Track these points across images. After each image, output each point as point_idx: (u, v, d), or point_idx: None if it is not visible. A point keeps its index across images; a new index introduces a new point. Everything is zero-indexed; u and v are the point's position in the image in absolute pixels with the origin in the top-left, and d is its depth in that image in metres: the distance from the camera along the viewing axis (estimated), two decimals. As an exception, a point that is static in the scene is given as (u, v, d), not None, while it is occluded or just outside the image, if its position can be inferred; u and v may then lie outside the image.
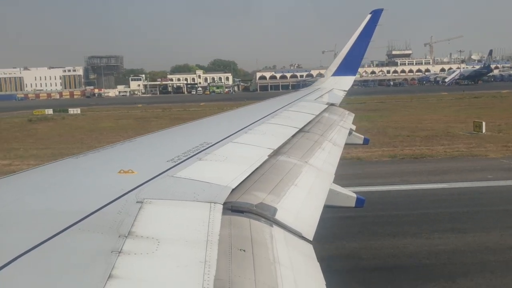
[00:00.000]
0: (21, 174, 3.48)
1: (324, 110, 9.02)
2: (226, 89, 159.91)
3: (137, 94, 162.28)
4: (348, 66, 13.84)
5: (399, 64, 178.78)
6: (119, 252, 2.03)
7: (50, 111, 71.01)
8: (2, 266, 1.84)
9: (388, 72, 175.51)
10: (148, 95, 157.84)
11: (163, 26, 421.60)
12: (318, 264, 2.58)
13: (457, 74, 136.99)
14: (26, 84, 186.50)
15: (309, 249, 2.79)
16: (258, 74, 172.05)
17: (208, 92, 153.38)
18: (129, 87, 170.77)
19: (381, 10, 13.34)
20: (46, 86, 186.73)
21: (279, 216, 3.04)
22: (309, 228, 3.10)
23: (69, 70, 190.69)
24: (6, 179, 3.28)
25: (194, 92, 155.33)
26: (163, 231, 2.34)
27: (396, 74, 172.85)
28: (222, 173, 3.46)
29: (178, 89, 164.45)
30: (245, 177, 3.48)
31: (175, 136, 5.81)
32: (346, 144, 6.95)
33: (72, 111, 71.22)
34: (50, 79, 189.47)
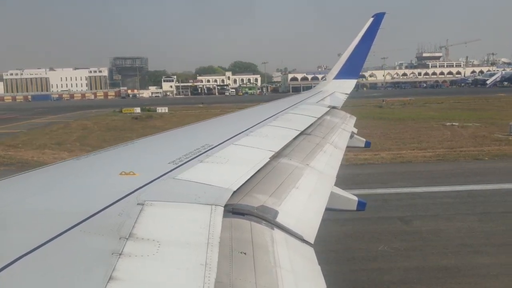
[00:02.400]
0: (23, 176, 3.48)
1: (326, 113, 9.02)
2: (259, 90, 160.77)
3: (169, 95, 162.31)
4: (350, 69, 13.83)
5: (430, 67, 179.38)
6: (120, 254, 2.02)
7: (138, 110, 72.77)
8: (3, 266, 1.84)
9: (419, 74, 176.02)
10: (181, 96, 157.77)
11: (182, 28, 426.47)
12: (319, 267, 2.57)
13: (498, 76, 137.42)
14: (52, 85, 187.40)
15: (310, 252, 2.78)
16: (290, 76, 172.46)
17: (241, 93, 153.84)
18: (161, 88, 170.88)
19: (383, 13, 13.34)
20: (71, 86, 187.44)
21: (280, 219, 3.03)
22: (310, 231, 3.09)
23: (94, 71, 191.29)
24: (8, 180, 3.28)
25: (228, 93, 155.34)
26: (164, 233, 2.34)
27: (427, 76, 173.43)
28: (223, 175, 3.46)
29: (209, 91, 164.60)
30: (247, 179, 3.47)
31: (177, 138, 5.81)
32: (347, 147, 6.94)
33: (160, 110, 72.65)
34: (76, 79, 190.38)
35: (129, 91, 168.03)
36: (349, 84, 13.80)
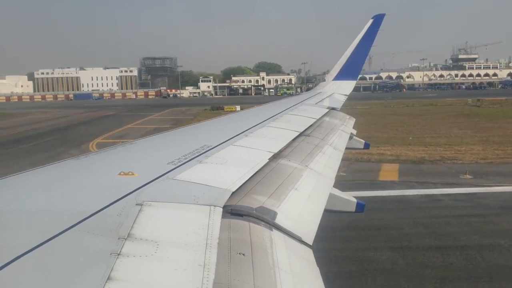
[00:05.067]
0: (21, 175, 3.47)
1: (325, 114, 9.03)
2: (298, 90, 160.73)
3: (207, 95, 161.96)
4: (349, 71, 13.85)
5: (467, 68, 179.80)
6: (118, 254, 2.02)
7: (238, 108, 70.02)
8: (1, 266, 1.83)
9: (456, 76, 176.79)
10: (219, 96, 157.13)
11: (203, 29, 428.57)
12: (317, 269, 2.57)
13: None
14: (82, 84, 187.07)
15: (309, 253, 2.78)
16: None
17: (280, 93, 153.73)
18: (198, 88, 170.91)
19: (383, 15, 13.37)
20: (102, 86, 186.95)
21: (279, 220, 3.03)
22: (309, 232, 3.09)
23: (125, 71, 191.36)
24: (6, 179, 3.27)
25: (267, 94, 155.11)
26: (162, 233, 2.34)
27: (464, 78, 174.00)
28: (222, 176, 3.46)
29: (245, 91, 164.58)
30: (245, 180, 3.47)
31: (176, 138, 5.81)
32: (346, 148, 6.95)
33: (237, 108, 70.43)
34: (107, 79, 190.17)
35: (169, 91, 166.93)
36: (348, 85, 13.82)
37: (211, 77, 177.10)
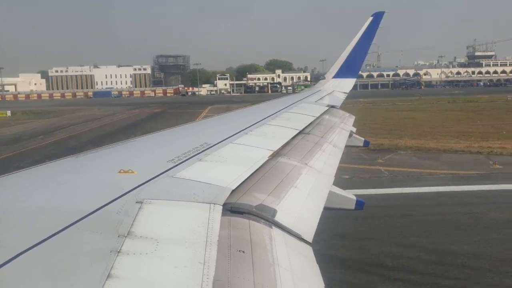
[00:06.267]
0: (21, 173, 3.47)
1: (325, 112, 9.03)
2: None
3: (224, 93, 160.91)
4: (349, 68, 13.84)
5: (484, 65, 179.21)
6: (118, 252, 2.02)
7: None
8: (1, 264, 1.84)
9: (473, 73, 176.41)
10: (236, 93, 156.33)
11: (213, 27, 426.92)
12: (317, 266, 2.58)
13: None
14: (96, 82, 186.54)
15: (308, 251, 2.79)
16: None
17: (298, 90, 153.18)
18: (216, 85, 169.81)
19: (383, 12, 13.34)
20: (116, 84, 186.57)
21: (278, 218, 3.03)
22: (309, 230, 3.09)
23: (139, 69, 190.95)
24: (5, 177, 3.28)
25: (285, 91, 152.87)
26: (162, 231, 2.34)
27: (481, 75, 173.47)
28: (222, 174, 3.46)
29: (261, 89, 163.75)
30: (245, 178, 3.48)
31: (175, 136, 5.81)
32: (346, 146, 6.95)
33: None
34: (121, 77, 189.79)
35: (187, 89, 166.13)
36: (348, 83, 13.81)
37: (228, 74, 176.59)
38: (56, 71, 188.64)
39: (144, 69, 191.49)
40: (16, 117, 65.44)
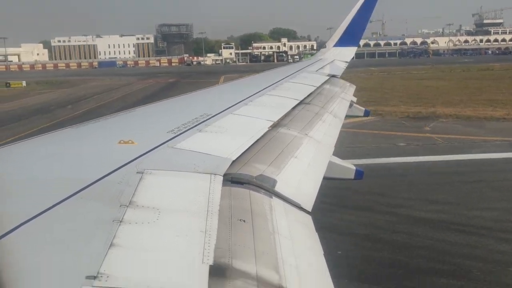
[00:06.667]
0: (21, 144, 3.48)
1: (325, 82, 8.94)
2: None
3: (230, 62, 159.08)
4: (350, 37, 13.60)
5: (492, 33, 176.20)
6: (120, 222, 2.05)
7: None
8: (4, 234, 1.87)
9: (481, 41, 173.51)
10: (242, 63, 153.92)
11: None
12: (316, 234, 2.62)
13: None
14: (99, 52, 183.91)
15: (308, 219, 2.83)
16: None
17: (304, 60, 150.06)
18: (220, 55, 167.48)
19: None
20: (119, 54, 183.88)
21: (278, 188, 3.06)
22: (308, 199, 3.13)
23: (142, 38, 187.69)
24: (6, 148, 3.28)
25: (291, 60, 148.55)
26: (163, 201, 2.37)
27: (489, 43, 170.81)
28: (222, 145, 3.47)
29: (267, 57, 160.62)
30: (245, 149, 3.48)
31: (175, 107, 5.78)
32: (346, 116, 6.93)
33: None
34: (124, 47, 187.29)
35: (192, 58, 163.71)
36: (349, 52, 13.61)
37: (233, 43, 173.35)
38: (59, 41, 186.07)
39: (147, 38, 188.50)
40: (31, 88, 64.75)
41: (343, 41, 13.66)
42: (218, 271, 1.85)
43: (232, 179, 2.92)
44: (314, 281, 2.20)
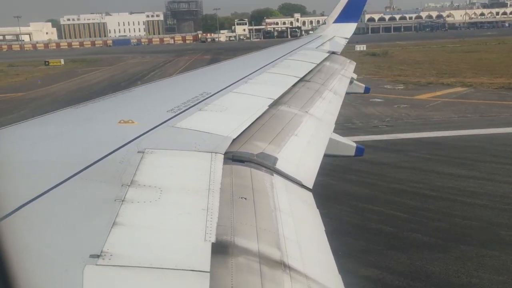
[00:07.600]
0: (22, 125, 3.47)
1: (325, 59, 8.85)
2: None
3: (244, 39, 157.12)
4: (350, 12, 13.37)
5: (508, 5, 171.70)
6: (123, 201, 2.06)
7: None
8: (7, 214, 1.88)
9: (497, 13, 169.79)
10: (256, 39, 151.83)
11: None
12: (317, 211, 2.64)
13: None
14: (109, 30, 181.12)
15: (309, 197, 2.85)
16: (367, 16, 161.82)
17: None
18: (234, 31, 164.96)
19: None
20: (129, 32, 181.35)
21: (279, 165, 3.07)
22: (309, 176, 3.14)
23: (151, 16, 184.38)
24: (7, 129, 3.28)
25: (304, 35, 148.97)
26: (165, 180, 2.38)
27: (505, 16, 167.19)
28: (222, 124, 3.46)
29: (281, 33, 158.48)
30: (246, 127, 3.48)
31: (175, 86, 5.74)
32: (347, 93, 6.88)
33: (358, 48, 66.99)
34: (134, 24, 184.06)
35: (206, 35, 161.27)
36: (349, 28, 13.41)
37: (246, 20, 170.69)
38: (68, 20, 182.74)
39: (157, 15, 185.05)
40: (70, 66, 63.55)
41: (343, 17, 13.44)
42: (220, 249, 1.87)
43: (233, 157, 2.92)
44: (315, 257, 2.22)
